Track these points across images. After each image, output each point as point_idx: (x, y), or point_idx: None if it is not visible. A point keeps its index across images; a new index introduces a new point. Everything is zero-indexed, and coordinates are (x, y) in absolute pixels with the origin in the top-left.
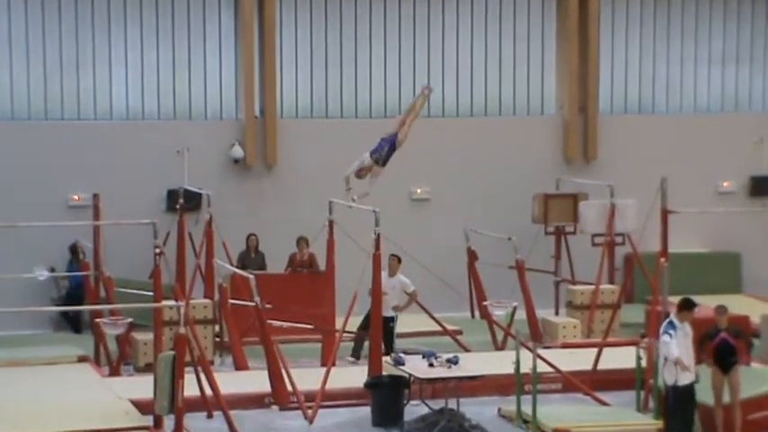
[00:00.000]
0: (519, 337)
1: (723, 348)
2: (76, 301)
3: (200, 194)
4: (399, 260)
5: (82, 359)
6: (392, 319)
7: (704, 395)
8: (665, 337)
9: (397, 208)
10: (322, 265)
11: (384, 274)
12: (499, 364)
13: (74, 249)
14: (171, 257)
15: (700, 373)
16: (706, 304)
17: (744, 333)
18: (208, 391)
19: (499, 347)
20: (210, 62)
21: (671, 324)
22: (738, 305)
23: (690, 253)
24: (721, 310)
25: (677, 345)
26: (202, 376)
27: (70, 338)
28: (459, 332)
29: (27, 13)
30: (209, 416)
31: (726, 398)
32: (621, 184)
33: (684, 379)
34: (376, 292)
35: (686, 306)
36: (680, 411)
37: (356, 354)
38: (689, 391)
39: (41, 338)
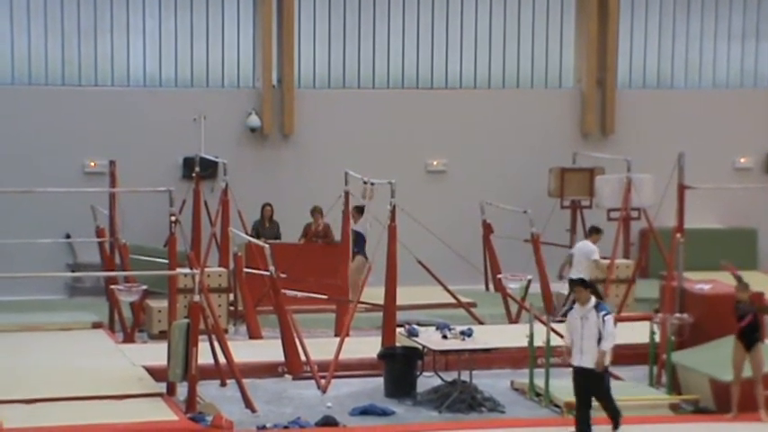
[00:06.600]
0: (533, 311)
1: (749, 325)
2: None
3: (216, 163)
4: (597, 231)
5: (96, 325)
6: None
7: (718, 371)
8: None
9: (413, 180)
10: (337, 235)
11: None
12: (513, 336)
13: None
14: (186, 225)
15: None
16: (723, 281)
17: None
18: (221, 360)
19: (513, 320)
20: (229, 30)
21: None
22: (755, 281)
23: (706, 229)
24: (743, 286)
25: None
26: (216, 344)
27: (85, 304)
28: (474, 305)
29: None
30: (223, 384)
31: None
32: (638, 159)
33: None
34: (391, 264)
35: None
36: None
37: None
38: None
39: (56, 304)
